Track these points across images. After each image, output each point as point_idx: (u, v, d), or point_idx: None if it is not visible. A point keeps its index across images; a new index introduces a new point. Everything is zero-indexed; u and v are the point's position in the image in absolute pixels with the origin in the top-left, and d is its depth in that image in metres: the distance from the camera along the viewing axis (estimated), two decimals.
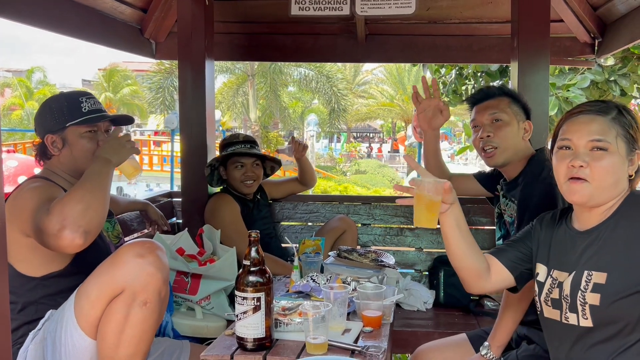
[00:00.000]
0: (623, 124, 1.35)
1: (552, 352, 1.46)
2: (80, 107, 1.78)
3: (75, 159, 1.77)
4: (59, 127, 1.75)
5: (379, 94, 27.93)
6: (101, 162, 1.64)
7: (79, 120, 1.76)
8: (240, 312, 1.49)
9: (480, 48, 3.29)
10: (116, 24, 2.96)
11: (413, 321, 2.63)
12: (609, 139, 1.33)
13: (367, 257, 2.18)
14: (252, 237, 1.53)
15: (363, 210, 3.13)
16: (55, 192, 1.63)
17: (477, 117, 2.00)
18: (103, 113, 1.83)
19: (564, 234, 1.44)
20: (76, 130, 1.77)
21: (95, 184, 1.55)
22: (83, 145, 1.77)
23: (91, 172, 1.60)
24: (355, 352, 1.50)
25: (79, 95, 1.82)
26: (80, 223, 1.44)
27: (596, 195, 1.33)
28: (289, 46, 3.39)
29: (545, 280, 1.44)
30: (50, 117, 1.77)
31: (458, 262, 1.53)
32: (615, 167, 1.32)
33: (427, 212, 1.42)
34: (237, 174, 2.76)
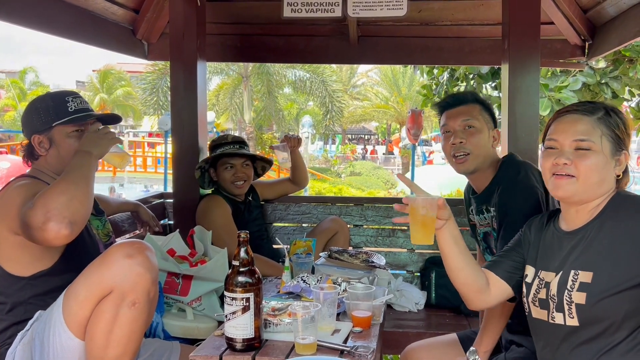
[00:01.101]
0: (609, 124, 1.37)
1: (539, 352, 1.47)
2: (67, 106, 1.77)
3: (62, 159, 1.75)
4: (45, 127, 1.74)
5: (373, 96, 28.00)
6: (81, 155, 1.63)
7: (65, 119, 1.75)
8: (229, 313, 1.49)
9: (472, 50, 3.30)
10: (108, 25, 2.95)
11: (404, 322, 2.64)
12: (593, 138, 1.35)
13: (358, 258, 2.18)
14: (241, 238, 1.53)
15: (355, 212, 3.14)
16: (42, 188, 1.61)
17: (448, 123, 1.93)
18: (90, 112, 1.82)
19: (552, 235, 1.46)
20: (63, 130, 1.76)
21: (77, 176, 1.54)
22: (70, 144, 1.76)
23: (72, 165, 1.59)
24: (344, 352, 1.50)
25: (65, 95, 1.80)
26: (64, 214, 1.43)
27: (581, 192, 1.35)
28: (282, 47, 3.39)
29: (532, 281, 1.45)
30: (36, 118, 1.75)
31: (457, 279, 1.54)
32: (600, 166, 1.34)
33: (423, 228, 1.44)
34: (227, 175, 2.76)
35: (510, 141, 2.69)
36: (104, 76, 27.51)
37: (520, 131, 2.67)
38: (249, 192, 2.94)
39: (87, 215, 1.54)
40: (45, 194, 1.46)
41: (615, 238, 1.32)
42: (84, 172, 1.57)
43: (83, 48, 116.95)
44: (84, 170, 1.58)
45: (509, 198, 1.77)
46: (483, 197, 1.92)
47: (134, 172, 16.94)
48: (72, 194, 1.48)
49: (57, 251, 1.66)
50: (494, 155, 1.94)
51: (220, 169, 2.77)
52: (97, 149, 1.68)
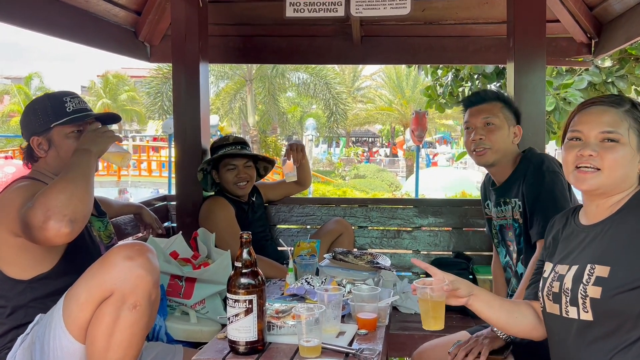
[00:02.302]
0: (636, 117, 1.36)
1: (552, 347, 1.44)
2: (65, 107, 1.74)
3: (62, 160, 1.73)
4: (43, 128, 1.73)
5: (377, 99, 27.97)
6: (80, 153, 1.61)
7: (64, 120, 1.73)
8: (232, 315, 1.47)
9: (476, 49, 3.28)
10: (110, 27, 2.94)
11: (410, 324, 2.59)
12: (620, 130, 1.33)
13: (363, 259, 2.15)
14: (243, 239, 1.51)
15: (360, 213, 3.11)
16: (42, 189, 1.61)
17: (470, 120, 2.09)
18: (88, 112, 1.80)
19: (571, 230, 1.46)
20: (62, 131, 1.74)
21: (76, 174, 1.53)
22: (69, 145, 1.73)
23: (71, 164, 1.57)
24: (349, 354, 1.48)
25: (63, 96, 1.78)
26: (64, 212, 1.41)
27: (605, 185, 1.34)
28: (284, 48, 3.38)
29: (548, 275, 1.45)
30: (34, 119, 1.74)
31: (509, 331, 1.55)
32: (627, 159, 1.33)
33: (434, 313, 1.48)
34: (229, 176, 2.74)
35: None
36: (108, 81, 27.63)
37: (526, 130, 2.61)
38: (252, 193, 2.91)
39: (88, 213, 1.52)
40: (45, 193, 1.45)
41: (635, 233, 1.30)
42: (83, 169, 1.56)
43: (88, 54, 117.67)
44: (83, 168, 1.56)
45: (537, 184, 1.89)
46: (503, 190, 2.07)
47: (139, 176, 16.97)
48: (72, 191, 1.46)
49: (57, 253, 1.64)
50: (514, 150, 2.07)
51: (223, 170, 2.74)
52: (97, 147, 1.66)
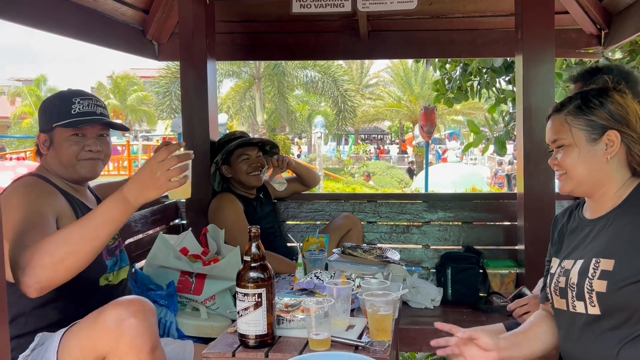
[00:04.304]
0: (581, 112, 1.38)
1: (562, 342, 1.44)
2: (71, 108, 1.68)
3: (59, 162, 1.69)
4: (48, 126, 1.69)
5: (386, 95, 27.90)
6: (114, 202, 1.38)
7: (65, 122, 1.67)
8: (241, 309, 1.47)
9: (484, 42, 3.25)
10: (118, 26, 2.96)
11: (421, 319, 2.60)
12: (562, 135, 1.40)
13: (372, 254, 2.15)
14: (252, 233, 1.51)
15: (369, 208, 3.10)
16: (45, 201, 1.55)
17: None
18: (94, 117, 1.70)
19: (576, 224, 1.47)
20: (62, 132, 1.68)
21: (83, 235, 1.35)
22: (66, 148, 1.67)
23: (93, 214, 1.38)
24: (359, 347, 1.48)
25: (73, 96, 1.71)
26: (38, 279, 1.31)
27: (578, 185, 1.40)
28: (291, 45, 3.37)
29: (555, 271, 1.45)
30: (42, 116, 1.72)
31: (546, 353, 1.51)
32: (578, 157, 1.38)
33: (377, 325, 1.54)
34: (243, 167, 2.75)
35: (525, 134, 2.65)
36: (117, 82, 27.80)
37: (535, 123, 2.61)
38: (260, 190, 2.93)
39: (68, 279, 1.37)
40: (39, 246, 1.33)
41: (638, 226, 1.29)
42: (97, 231, 1.36)
43: (98, 55, 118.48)
44: (98, 228, 1.36)
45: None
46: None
47: None
48: (61, 257, 1.32)
49: None
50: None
51: (236, 162, 2.76)
52: (141, 196, 1.37)
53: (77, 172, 1.69)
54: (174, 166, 1.36)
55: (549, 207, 2.63)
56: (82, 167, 1.69)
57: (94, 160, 1.71)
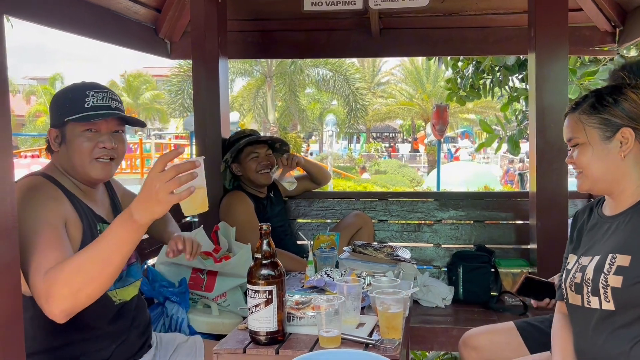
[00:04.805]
0: (594, 111, 1.39)
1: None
2: (84, 101, 1.56)
3: (70, 159, 1.58)
4: (59, 121, 1.58)
5: (398, 93, 27.81)
6: (120, 222, 1.28)
7: (77, 116, 1.55)
8: (252, 306, 1.48)
9: (497, 40, 3.23)
10: (131, 24, 2.98)
11: (432, 317, 2.59)
12: (577, 134, 1.42)
13: (382, 252, 2.15)
14: (263, 230, 1.52)
15: (380, 207, 3.10)
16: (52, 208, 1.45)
17: None
18: (108, 111, 1.59)
19: (595, 221, 1.48)
20: (75, 127, 1.56)
21: (100, 258, 1.28)
22: (79, 144, 1.56)
23: (103, 237, 1.31)
24: (369, 345, 1.48)
25: (87, 89, 1.59)
26: (63, 307, 1.28)
27: (594, 184, 1.42)
28: (303, 42, 3.37)
29: (572, 267, 1.46)
30: (54, 110, 1.61)
31: None
32: (594, 155, 1.39)
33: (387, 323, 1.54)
34: (252, 165, 2.76)
35: (538, 132, 2.62)
36: (129, 80, 28.01)
37: (548, 121, 2.59)
38: (271, 189, 2.94)
39: (95, 299, 1.33)
40: (55, 276, 1.28)
41: None
42: (109, 256, 1.29)
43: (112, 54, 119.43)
44: (110, 253, 1.28)
45: None
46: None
47: None
48: (78, 287, 1.28)
49: None
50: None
51: (245, 160, 2.77)
52: (147, 213, 1.25)
53: (88, 174, 1.59)
54: (172, 177, 1.22)
55: (561, 206, 2.61)
56: (93, 169, 1.58)
57: (107, 162, 1.60)
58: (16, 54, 73.57)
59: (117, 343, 1.61)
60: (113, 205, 1.77)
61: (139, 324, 1.71)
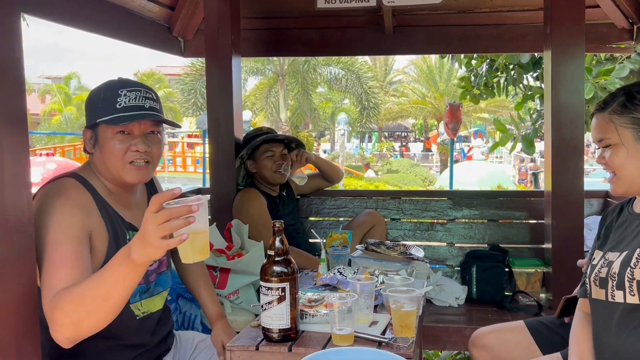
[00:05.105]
0: (626, 110, 1.35)
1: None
2: (116, 101, 1.47)
3: (104, 162, 1.51)
4: (92, 122, 1.51)
5: (410, 92, 27.68)
6: (119, 260, 1.22)
7: (107, 118, 1.47)
8: (265, 303, 1.48)
9: (512, 37, 3.19)
10: (145, 22, 2.99)
11: (445, 317, 2.57)
12: (609, 134, 1.37)
13: (395, 250, 2.14)
14: (276, 227, 1.51)
15: (392, 205, 3.09)
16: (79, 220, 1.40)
17: None
18: (141, 112, 1.49)
19: (625, 218, 1.46)
20: (107, 129, 1.48)
21: (99, 292, 1.22)
22: (111, 147, 1.48)
23: (101, 273, 1.25)
24: (382, 343, 1.47)
25: (120, 87, 1.50)
26: (66, 335, 1.26)
27: (629, 187, 1.38)
28: (316, 40, 3.37)
29: (597, 262, 1.44)
30: (87, 110, 1.54)
31: None
32: (629, 156, 1.35)
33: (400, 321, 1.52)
34: (268, 163, 2.75)
35: (553, 130, 2.59)
36: (142, 80, 28.23)
37: (564, 119, 2.56)
38: (284, 187, 2.93)
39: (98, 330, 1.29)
40: (58, 302, 1.25)
41: None
42: (109, 291, 1.22)
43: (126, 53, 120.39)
44: (109, 288, 1.22)
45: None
46: None
47: (174, 172, 17.34)
48: (79, 318, 1.24)
49: None
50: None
51: (260, 158, 2.76)
52: (143, 253, 1.17)
53: (123, 178, 1.51)
54: (164, 221, 1.12)
55: (577, 205, 2.57)
56: (127, 173, 1.50)
57: (141, 165, 1.51)
58: (31, 54, 74.46)
59: (137, 352, 1.59)
60: None
61: (162, 333, 1.69)
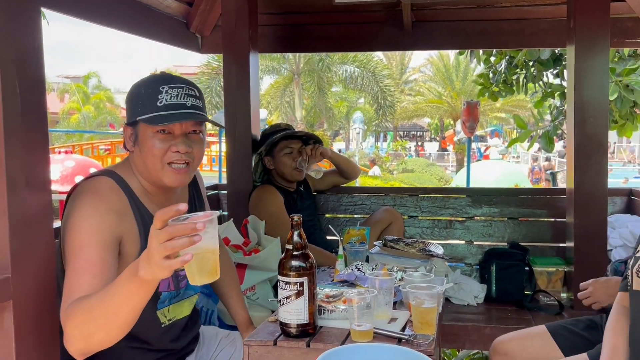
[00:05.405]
0: None
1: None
2: (157, 98, 1.39)
3: (144, 161, 1.44)
4: (132, 119, 1.44)
5: (426, 91, 27.51)
6: (129, 274, 1.15)
7: (147, 117, 1.39)
8: (283, 297, 1.46)
9: (534, 32, 3.13)
10: (162, 18, 3.00)
11: (463, 315, 2.54)
12: None
13: (414, 247, 2.11)
14: (294, 221, 1.49)
15: (410, 202, 3.05)
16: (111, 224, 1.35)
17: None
18: (182, 110, 1.40)
19: None
20: (147, 128, 1.41)
21: (108, 308, 1.17)
22: (151, 146, 1.41)
23: (110, 290, 1.18)
24: (402, 340, 1.44)
25: (161, 83, 1.41)
26: (77, 347, 1.23)
27: None
28: (333, 36, 3.33)
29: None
30: (128, 106, 1.47)
31: None
32: None
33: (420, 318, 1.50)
34: (287, 160, 2.74)
35: (576, 127, 2.53)
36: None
37: (587, 115, 2.50)
38: (300, 183, 2.92)
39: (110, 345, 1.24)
40: (70, 313, 1.21)
41: None
42: (117, 307, 1.17)
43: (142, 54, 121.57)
44: (117, 305, 1.16)
45: None
46: None
47: None
48: (89, 332, 1.20)
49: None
50: None
51: (279, 155, 2.75)
52: (150, 270, 1.09)
53: (161, 179, 1.45)
54: (167, 240, 1.05)
55: (600, 202, 2.51)
56: (166, 175, 1.44)
57: (181, 167, 1.44)
58: (51, 53, 75.57)
59: (161, 355, 1.57)
60: (193, 205, 1.65)
61: (187, 339, 1.65)
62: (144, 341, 1.51)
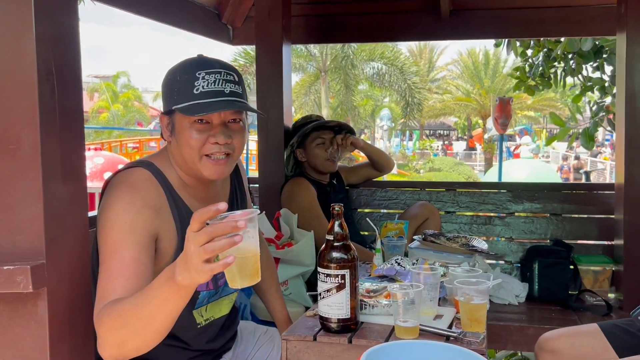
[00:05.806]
0: None
1: None
2: (194, 85, 1.29)
3: (181, 152, 1.36)
4: (168, 108, 1.35)
5: (454, 89, 27.15)
6: (165, 279, 1.08)
7: (183, 106, 1.29)
8: (323, 290, 1.38)
9: (579, 20, 2.98)
10: (195, 8, 2.96)
11: (505, 315, 2.43)
12: None
13: (456, 242, 2.01)
14: (335, 211, 1.42)
15: (447, 197, 2.95)
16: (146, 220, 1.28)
17: None
18: (220, 98, 1.30)
19: None
20: (183, 118, 1.32)
21: (143, 314, 1.11)
22: (188, 137, 1.32)
23: (150, 291, 1.11)
24: (451, 338, 1.35)
25: (197, 69, 1.31)
26: (110, 353, 1.17)
27: None
28: (367, 26, 3.24)
29: None
30: (164, 94, 1.37)
31: None
32: None
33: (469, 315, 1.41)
34: (319, 152, 2.67)
35: (627, 118, 2.40)
36: None
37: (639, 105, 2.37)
38: (334, 176, 2.84)
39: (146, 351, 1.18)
40: (103, 318, 1.15)
41: None
42: (152, 313, 1.10)
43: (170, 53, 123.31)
44: (153, 310, 1.10)
45: None
46: None
47: None
48: (123, 339, 1.14)
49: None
50: None
51: (311, 146, 2.68)
52: (188, 276, 1.03)
53: (199, 171, 1.36)
54: (206, 242, 0.98)
55: None
56: (204, 167, 1.35)
57: (221, 159, 1.35)
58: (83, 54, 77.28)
59: (197, 354, 1.50)
60: (234, 198, 1.58)
61: (225, 338, 1.59)
62: (180, 340, 1.44)
